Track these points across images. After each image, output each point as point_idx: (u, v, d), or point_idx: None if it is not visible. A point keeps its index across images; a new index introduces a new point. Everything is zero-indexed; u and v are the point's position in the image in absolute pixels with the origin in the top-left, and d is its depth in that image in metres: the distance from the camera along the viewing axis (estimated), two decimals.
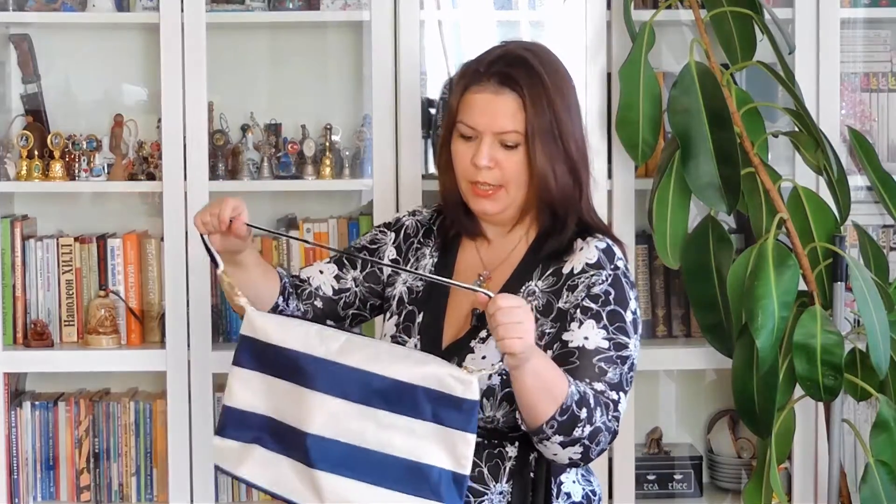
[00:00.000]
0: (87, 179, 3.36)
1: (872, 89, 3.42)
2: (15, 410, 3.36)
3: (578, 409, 2.18)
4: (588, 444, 2.21)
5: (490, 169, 2.34)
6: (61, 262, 3.35)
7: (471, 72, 2.39)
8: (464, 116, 2.36)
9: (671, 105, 3.03)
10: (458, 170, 2.39)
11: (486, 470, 2.34)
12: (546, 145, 2.34)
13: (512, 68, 2.35)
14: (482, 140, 2.35)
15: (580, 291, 2.33)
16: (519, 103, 2.33)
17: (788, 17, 3.25)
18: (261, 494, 3.36)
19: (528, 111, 2.33)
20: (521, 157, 2.34)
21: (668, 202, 3.07)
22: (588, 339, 2.29)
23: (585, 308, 2.31)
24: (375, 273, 2.53)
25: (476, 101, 2.35)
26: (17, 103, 3.47)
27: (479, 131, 2.35)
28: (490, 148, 2.34)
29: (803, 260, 3.01)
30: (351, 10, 3.34)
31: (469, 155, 2.36)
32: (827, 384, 2.91)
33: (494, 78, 2.34)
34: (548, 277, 2.38)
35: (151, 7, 3.31)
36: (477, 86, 2.36)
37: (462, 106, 2.37)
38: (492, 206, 2.38)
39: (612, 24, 3.24)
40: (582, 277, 2.34)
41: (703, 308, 3.13)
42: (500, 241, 2.45)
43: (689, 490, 3.44)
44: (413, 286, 2.47)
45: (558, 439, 2.19)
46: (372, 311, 2.56)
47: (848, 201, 3.09)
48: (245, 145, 3.40)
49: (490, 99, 2.34)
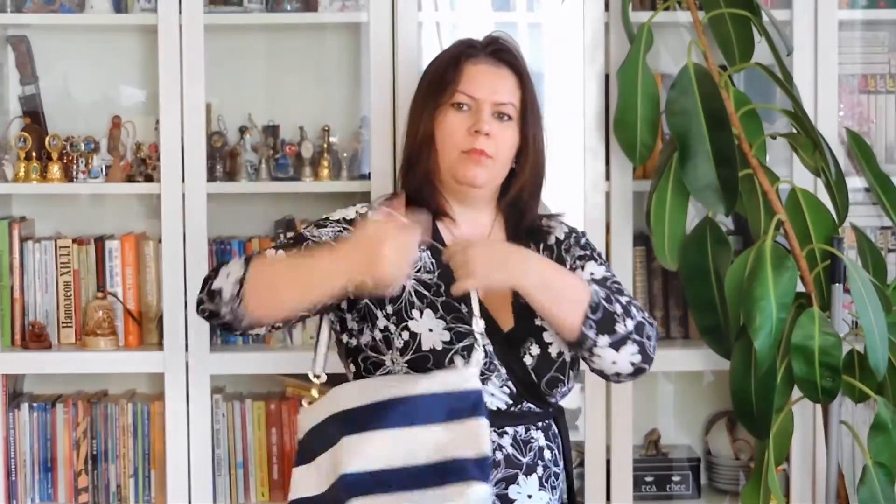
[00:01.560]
0: (84, 181, 3.35)
1: (870, 91, 3.42)
2: (13, 412, 3.35)
3: (610, 304, 2.30)
4: (639, 338, 2.31)
5: (488, 137, 2.39)
6: (59, 263, 3.35)
7: (465, 46, 2.47)
8: (464, 86, 2.42)
9: (669, 106, 3.03)
10: (450, 139, 2.41)
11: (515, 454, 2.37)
12: (536, 122, 2.46)
13: (505, 49, 2.47)
14: (481, 108, 2.41)
15: (574, 249, 2.49)
16: (516, 79, 2.45)
17: (786, 19, 3.25)
18: (259, 497, 3.36)
19: (524, 88, 2.45)
20: (512, 133, 2.44)
21: (667, 204, 3.07)
22: (594, 273, 2.43)
23: (582, 256, 2.47)
24: None
25: (477, 71, 2.43)
26: (15, 105, 3.47)
27: (479, 100, 2.41)
28: (489, 116, 2.41)
29: (801, 261, 3.01)
30: (349, 11, 3.34)
31: (465, 124, 2.41)
32: (825, 386, 2.91)
33: (492, 55, 2.46)
34: (543, 252, 2.48)
35: (149, 8, 3.31)
36: (475, 59, 2.45)
37: (463, 76, 2.42)
38: (482, 173, 2.41)
39: (610, 25, 3.24)
40: (570, 240, 2.51)
41: (702, 309, 3.13)
42: (467, 220, 2.47)
43: (688, 491, 3.44)
44: (422, 278, 2.40)
45: (605, 340, 2.29)
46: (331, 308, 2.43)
47: (846, 203, 3.10)
48: (243, 147, 3.40)
49: (491, 70, 2.44)
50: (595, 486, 3.31)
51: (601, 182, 3.26)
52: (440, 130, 2.42)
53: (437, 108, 2.43)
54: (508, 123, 2.43)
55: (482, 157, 2.40)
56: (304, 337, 3.36)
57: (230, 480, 3.36)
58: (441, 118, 2.42)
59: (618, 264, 3.26)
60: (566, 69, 3.32)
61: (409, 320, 2.35)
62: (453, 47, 2.52)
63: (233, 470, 3.36)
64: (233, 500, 3.37)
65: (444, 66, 2.46)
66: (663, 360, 3.36)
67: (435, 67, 2.50)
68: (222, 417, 3.35)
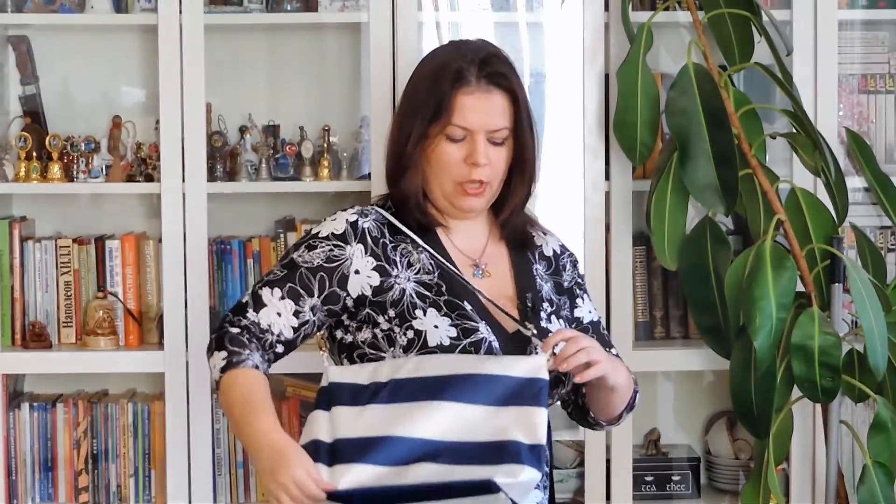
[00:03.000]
0: (85, 181, 3.36)
1: (870, 91, 3.42)
2: (13, 412, 3.36)
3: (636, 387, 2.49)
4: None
5: (484, 166, 2.38)
6: (59, 263, 3.35)
7: (455, 73, 2.38)
8: (458, 119, 2.37)
9: (669, 106, 3.03)
10: (446, 170, 2.39)
11: None
12: (529, 136, 2.43)
13: (497, 69, 2.40)
14: (476, 139, 2.37)
15: (570, 268, 2.54)
16: (507, 100, 2.40)
17: (786, 19, 3.25)
18: (259, 496, 3.36)
19: (516, 107, 2.41)
20: (507, 151, 2.41)
21: (666, 203, 3.07)
22: (591, 312, 2.54)
23: (580, 284, 2.55)
24: (335, 293, 2.38)
25: (468, 102, 2.37)
26: (16, 105, 3.47)
27: (473, 131, 2.37)
28: (485, 146, 2.38)
29: (801, 261, 3.01)
30: (349, 11, 3.34)
31: (460, 155, 2.38)
32: (825, 385, 2.91)
33: (483, 79, 2.38)
34: (540, 261, 2.49)
35: (149, 8, 3.31)
36: (467, 87, 2.38)
37: (455, 109, 2.37)
38: (480, 203, 2.42)
39: (609, 25, 3.24)
40: (563, 257, 2.54)
41: (701, 309, 3.13)
42: (464, 229, 2.47)
43: (687, 491, 3.44)
44: (422, 280, 2.38)
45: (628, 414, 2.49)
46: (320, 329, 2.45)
47: (846, 203, 3.10)
48: (243, 147, 3.40)
49: (483, 98, 2.38)
50: (595, 485, 3.31)
51: (601, 182, 3.26)
52: (435, 161, 2.39)
53: (428, 137, 2.39)
54: (503, 146, 2.40)
55: (480, 186, 2.39)
56: None
57: (230, 480, 3.37)
58: (440, 149, 2.38)
59: (617, 264, 3.27)
60: (566, 69, 3.32)
61: (413, 320, 2.35)
62: (443, 62, 2.42)
63: (233, 470, 3.37)
64: (233, 500, 3.38)
65: (435, 92, 2.39)
66: (663, 359, 3.39)
67: (425, 88, 2.41)
68: (222, 417, 3.35)
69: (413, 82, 2.47)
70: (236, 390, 2.30)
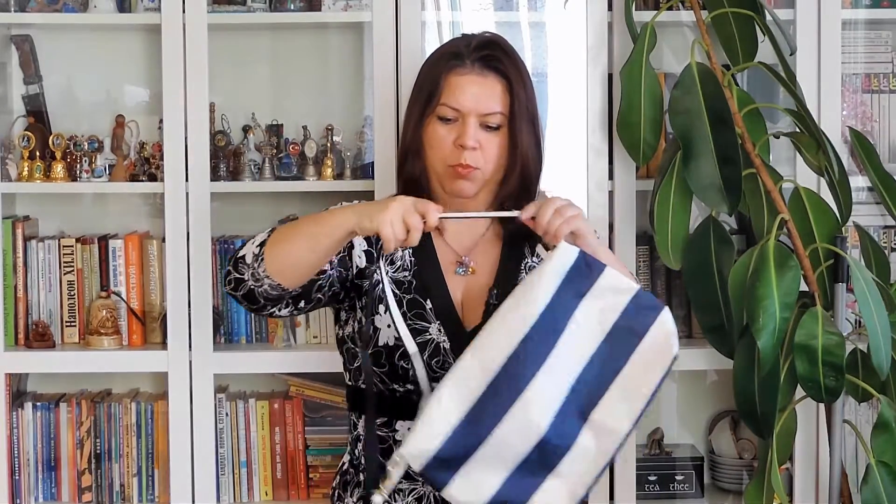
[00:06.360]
0: (88, 180, 3.36)
1: (873, 90, 3.42)
2: (16, 411, 3.36)
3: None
4: None
5: (474, 150, 2.38)
6: (63, 262, 3.35)
7: (451, 54, 2.43)
8: (448, 98, 2.39)
9: (672, 106, 3.03)
10: (437, 153, 2.41)
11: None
12: (527, 126, 2.42)
13: (494, 52, 2.42)
14: (466, 122, 2.39)
15: None
16: (504, 86, 2.41)
17: (790, 18, 3.25)
18: (263, 496, 3.37)
19: (513, 94, 2.41)
20: (501, 140, 2.41)
21: (670, 203, 3.07)
22: None
23: None
24: (346, 260, 2.45)
25: (461, 82, 2.40)
26: (19, 104, 3.48)
27: (464, 113, 2.39)
28: (475, 129, 2.38)
29: (804, 261, 3.01)
30: (352, 10, 3.34)
31: (450, 137, 2.40)
32: (828, 385, 2.91)
33: (478, 62, 2.41)
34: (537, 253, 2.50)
35: (153, 8, 3.31)
36: (461, 68, 2.41)
37: (446, 88, 2.39)
38: (470, 186, 2.43)
39: (613, 24, 3.25)
40: None
41: (705, 309, 3.13)
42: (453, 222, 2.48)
43: (691, 491, 3.44)
44: (396, 277, 2.44)
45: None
46: (331, 300, 2.47)
47: (849, 202, 3.10)
48: (246, 146, 3.40)
49: (476, 80, 2.40)
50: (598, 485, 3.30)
51: (604, 181, 3.26)
52: (427, 142, 2.42)
53: (424, 118, 2.42)
54: (497, 132, 2.41)
55: (468, 170, 2.40)
56: (307, 336, 3.37)
57: (234, 480, 3.37)
58: (431, 130, 2.42)
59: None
60: (569, 69, 3.32)
61: (375, 315, 2.39)
62: (444, 49, 2.49)
63: (236, 469, 3.37)
64: (236, 500, 3.38)
65: (431, 74, 2.44)
66: None
67: (424, 73, 2.48)
68: (226, 417, 3.35)
69: (420, 71, 2.51)
70: (288, 228, 2.31)
